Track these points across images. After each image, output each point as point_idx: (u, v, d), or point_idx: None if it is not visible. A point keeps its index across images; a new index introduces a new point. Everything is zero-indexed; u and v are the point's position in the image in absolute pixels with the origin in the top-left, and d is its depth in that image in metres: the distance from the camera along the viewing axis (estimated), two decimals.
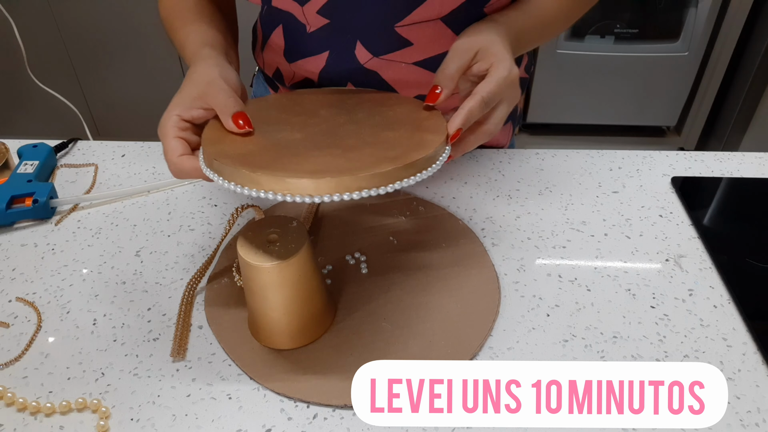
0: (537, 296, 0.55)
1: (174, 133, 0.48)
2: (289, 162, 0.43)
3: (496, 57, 0.50)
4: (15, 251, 0.61)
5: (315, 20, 0.61)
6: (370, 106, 0.55)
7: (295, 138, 0.48)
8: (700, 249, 0.60)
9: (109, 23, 1.95)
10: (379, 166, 0.42)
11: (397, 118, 0.52)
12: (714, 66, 1.92)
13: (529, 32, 0.58)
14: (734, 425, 0.44)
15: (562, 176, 0.70)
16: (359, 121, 0.52)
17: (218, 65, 0.52)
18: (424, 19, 0.58)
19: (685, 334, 0.51)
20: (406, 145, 0.46)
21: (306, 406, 0.46)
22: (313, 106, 0.55)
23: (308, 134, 0.48)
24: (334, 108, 0.54)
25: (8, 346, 0.51)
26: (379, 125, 0.51)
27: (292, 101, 0.56)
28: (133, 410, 0.46)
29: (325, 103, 0.55)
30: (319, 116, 0.52)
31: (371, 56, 0.62)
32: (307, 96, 0.58)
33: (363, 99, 0.57)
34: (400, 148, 0.45)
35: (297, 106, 0.55)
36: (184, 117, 0.49)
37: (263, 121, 0.50)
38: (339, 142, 0.47)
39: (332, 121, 0.51)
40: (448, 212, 0.65)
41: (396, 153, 0.44)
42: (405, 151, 0.45)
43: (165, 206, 0.67)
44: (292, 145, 0.46)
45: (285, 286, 0.47)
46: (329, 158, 0.44)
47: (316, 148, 0.46)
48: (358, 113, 0.53)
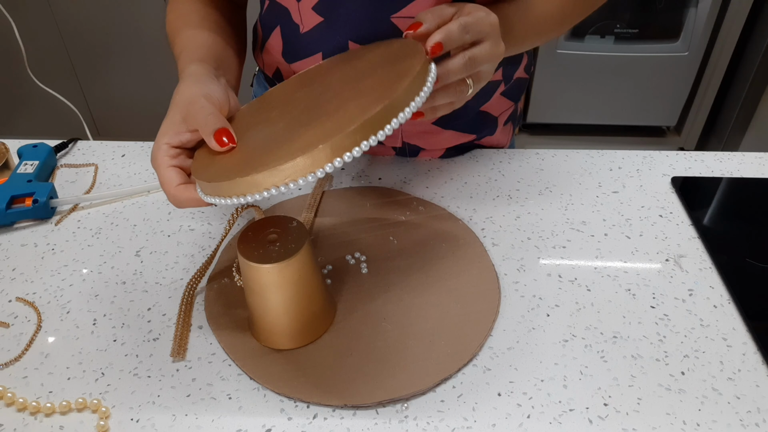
0: (537, 296, 0.55)
1: (167, 163, 0.47)
2: (280, 150, 0.41)
3: (468, 6, 0.49)
4: (15, 251, 0.61)
5: (309, 18, 0.61)
6: (342, 67, 0.52)
7: (278, 128, 0.45)
8: (700, 249, 0.60)
9: (109, 23, 1.95)
10: (368, 111, 0.39)
11: (370, 64, 0.49)
12: (714, 66, 1.92)
13: (521, 27, 0.57)
14: (734, 425, 0.44)
15: (562, 176, 0.70)
16: (334, 84, 0.49)
17: (200, 82, 0.51)
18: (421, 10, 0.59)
19: (685, 334, 0.51)
20: (388, 81, 0.43)
21: (306, 406, 0.46)
22: (287, 93, 0.53)
23: (290, 119, 0.46)
24: (308, 86, 0.52)
25: (8, 346, 0.51)
26: (355, 78, 0.47)
27: (265, 100, 0.54)
28: (133, 410, 0.46)
29: (297, 86, 0.53)
30: (295, 99, 0.50)
31: None
32: (279, 88, 0.56)
33: (332, 64, 0.54)
34: (383, 87, 0.42)
35: (272, 101, 0.53)
36: (173, 144, 0.48)
37: (245, 129, 0.49)
38: (321, 111, 0.44)
39: (310, 98, 0.49)
40: (448, 212, 0.65)
41: (380, 93, 0.41)
42: (389, 85, 0.41)
43: (165, 206, 0.67)
44: (278, 136, 0.44)
45: (285, 286, 0.47)
46: (317, 129, 0.41)
47: (302, 127, 0.43)
48: (332, 78, 0.51)
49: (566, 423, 0.45)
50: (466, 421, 0.45)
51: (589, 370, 0.48)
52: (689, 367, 0.49)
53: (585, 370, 0.48)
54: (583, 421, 0.45)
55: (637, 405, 0.46)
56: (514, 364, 0.49)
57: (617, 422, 0.45)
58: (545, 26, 0.60)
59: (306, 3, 0.60)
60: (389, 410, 0.46)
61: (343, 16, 0.60)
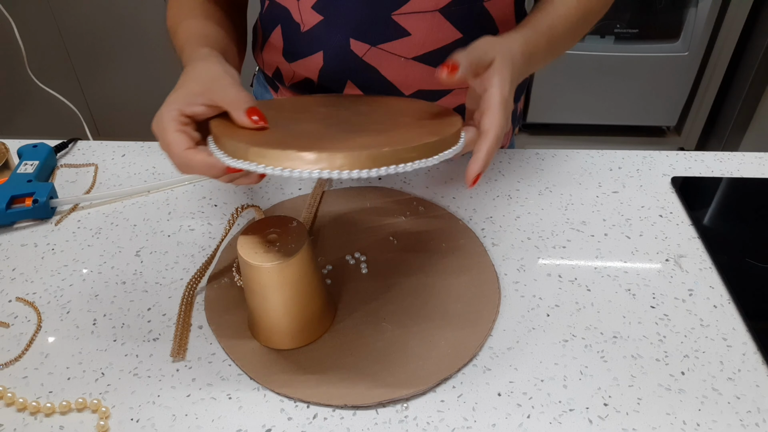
0: (537, 296, 0.55)
1: (175, 127, 0.46)
2: (334, 141, 0.41)
3: (495, 78, 0.49)
4: (15, 251, 0.61)
5: (309, 17, 0.61)
6: (368, 102, 0.55)
7: (315, 127, 0.46)
8: (700, 249, 0.60)
9: (109, 23, 1.95)
10: (425, 138, 0.42)
11: (401, 109, 0.52)
12: (714, 66, 1.92)
13: (539, 52, 0.57)
14: (734, 425, 0.44)
15: (562, 176, 0.70)
16: (368, 113, 0.51)
17: (221, 63, 0.50)
18: (422, 9, 0.59)
19: (685, 334, 0.51)
20: (433, 126, 0.46)
21: (306, 406, 0.46)
22: (306, 105, 0.54)
23: (326, 125, 0.47)
24: (330, 106, 0.54)
25: (8, 346, 0.51)
26: (391, 115, 0.50)
27: (280, 104, 0.55)
28: (133, 410, 0.46)
29: (322, 103, 0.55)
30: (320, 112, 0.52)
31: (368, 47, 0.62)
32: (304, 98, 0.58)
33: (354, 98, 0.57)
34: (430, 128, 0.45)
35: (288, 106, 0.54)
36: (185, 112, 0.47)
37: (274, 117, 0.49)
38: (365, 127, 0.46)
39: (338, 116, 0.50)
40: (448, 212, 0.65)
41: (429, 130, 0.44)
42: (435, 129, 0.45)
43: (165, 206, 0.67)
44: (320, 132, 0.44)
45: (285, 286, 0.47)
46: (371, 138, 0.42)
47: (350, 132, 0.44)
48: (361, 107, 0.53)
49: (566, 423, 0.45)
50: (466, 421, 0.45)
51: (589, 370, 0.48)
52: (689, 367, 0.49)
53: (585, 370, 0.48)
54: (583, 421, 0.45)
55: (637, 405, 0.46)
56: (514, 364, 0.49)
57: (617, 422, 0.45)
58: (558, 46, 0.60)
59: (305, 1, 0.60)
60: (389, 410, 0.46)
61: (343, 14, 0.60)
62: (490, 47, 0.50)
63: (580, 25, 0.60)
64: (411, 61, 0.63)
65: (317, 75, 0.66)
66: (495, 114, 0.47)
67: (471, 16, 0.61)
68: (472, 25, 0.62)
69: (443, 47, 0.62)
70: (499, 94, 0.48)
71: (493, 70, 0.49)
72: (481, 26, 0.63)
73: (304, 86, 0.69)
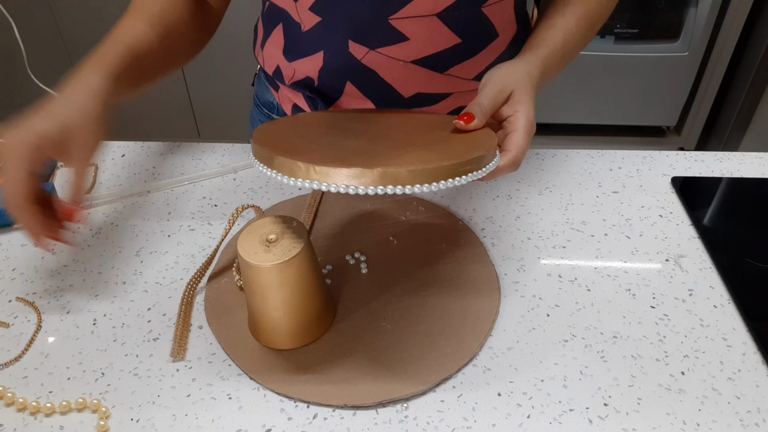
0: (537, 296, 0.55)
1: (28, 166, 0.45)
2: (378, 160, 0.41)
3: (521, 105, 0.51)
4: (15, 251, 0.61)
5: (308, 18, 0.61)
6: (391, 116, 0.57)
7: (359, 144, 0.46)
8: (700, 249, 0.60)
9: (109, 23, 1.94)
10: (471, 154, 0.43)
11: (429, 122, 0.54)
12: (714, 66, 1.92)
13: (553, 69, 0.59)
14: (734, 425, 0.44)
15: (562, 176, 0.70)
16: (397, 128, 0.52)
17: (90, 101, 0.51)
18: (419, 13, 0.58)
19: (685, 334, 0.51)
20: (466, 139, 0.47)
21: (306, 406, 0.46)
22: (342, 121, 0.55)
23: (367, 140, 0.48)
24: (362, 122, 0.55)
25: (8, 346, 0.51)
26: (423, 127, 0.52)
27: (314, 118, 0.56)
28: (133, 410, 0.46)
29: (348, 119, 0.56)
30: (355, 128, 0.52)
31: (367, 50, 0.62)
32: (323, 114, 0.58)
33: (382, 111, 0.59)
34: (465, 141, 0.47)
35: (325, 121, 0.55)
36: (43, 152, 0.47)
37: (310, 133, 0.49)
38: (402, 143, 0.47)
39: (374, 131, 0.52)
40: (448, 212, 0.65)
41: (473, 144, 0.46)
42: (473, 141, 0.46)
43: (165, 206, 0.67)
44: (363, 149, 0.45)
45: (285, 286, 0.47)
46: (413, 154, 0.43)
47: (391, 149, 0.45)
48: (388, 121, 0.54)
49: (566, 423, 0.45)
50: (466, 421, 0.45)
51: (589, 370, 0.48)
52: (689, 367, 0.49)
53: (585, 370, 0.48)
54: (583, 421, 0.45)
55: (637, 405, 0.46)
56: (514, 364, 0.49)
57: (617, 422, 0.45)
58: (568, 58, 0.61)
59: (303, 3, 0.60)
60: (389, 410, 0.46)
61: (341, 16, 0.60)
62: (507, 81, 0.52)
63: (588, 34, 0.62)
64: (410, 65, 0.63)
65: (317, 75, 0.66)
66: (520, 136, 0.49)
67: (469, 22, 0.61)
68: (471, 31, 0.62)
69: (442, 51, 0.62)
70: (525, 119, 0.50)
71: (515, 101, 0.51)
72: (480, 31, 0.63)
73: (303, 85, 0.69)
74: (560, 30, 0.59)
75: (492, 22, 0.62)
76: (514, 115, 0.51)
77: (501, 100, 0.51)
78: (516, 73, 0.53)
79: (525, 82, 0.52)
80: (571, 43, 0.60)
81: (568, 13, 0.60)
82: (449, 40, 0.61)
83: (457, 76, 0.65)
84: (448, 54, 0.63)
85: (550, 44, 0.58)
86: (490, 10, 0.61)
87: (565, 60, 0.61)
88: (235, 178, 0.71)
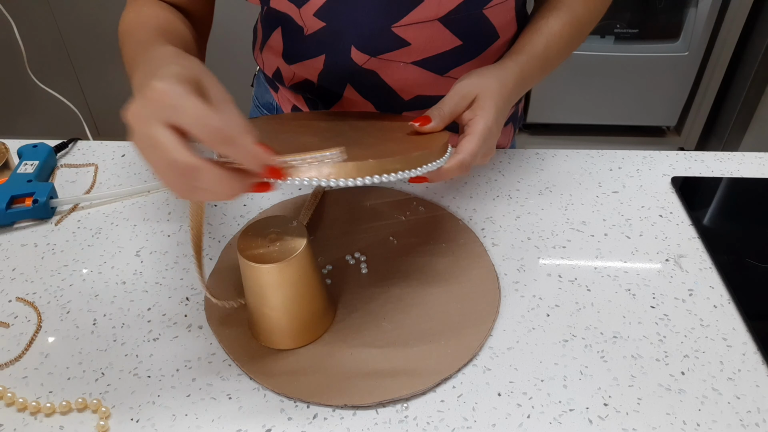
0: (537, 296, 0.55)
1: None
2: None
3: (482, 110, 0.53)
4: (15, 251, 0.61)
5: (312, 23, 0.61)
6: (367, 118, 0.59)
7: (311, 140, 0.48)
8: (700, 249, 0.60)
9: (109, 23, 1.95)
10: (401, 152, 0.44)
11: (396, 125, 0.56)
12: (714, 66, 1.92)
13: (533, 75, 0.59)
14: (734, 425, 0.44)
15: (562, 176, 0.70)
16: (362, 128, 0.53)
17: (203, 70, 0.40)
18: (422, 19, 0.59)
19: (685, 334, 0.51)
20: (417, 141, 0.50)
21: (306, 406, 0.46)
22: (314, 120, 0.57)
23: (322, 137, 0.49)
24: (333, 122, 0.56)
25: (8, 346, 0.51)
26: (385, 129, 0.54)
27: (294, 117, 0.59)
28: (133, 410, 0.46)
29: (324, 118, 0.58)
30: (321, 126, 0.54)
31: (368, 57, 0.62)
32: (308, 114, 0.61)
33: (360, 115, 0.61)
34: (413, 142, 0.49)
35: (300, 120, 0.57)
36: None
37: (276, 129, 0.51)
38: (353, 142, 0.48)
39: (336, 129, 0.53)
40: (448, 212, 0.65)
41: (412, 144, 0.48)
42: (422, 143, 0.49)
43: (165, 206, 0.67)
44: (310, 145, 0.46)
45: (285, 286, 0.47)
46: (353, 151, 0.43)
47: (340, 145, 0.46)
48: (359, 123, 0.56)
49: (566, 423, 0.45)
50: (466, 421, 0.45)
51: (589, 370, 0.48)
52: (689, 367, 0.49)
53: (585, 370, 0.48)
54: (583, 421, 0.45)
55: (637, 405, 0.46)
56: (514, 364, 0.49)
57: (617, 422, 0.45)
58: (551, 64, 0.62)
59: (307, 9, 0.60)
60: (389, 410, 0.46)
61: (346, 23, 0.60)
62: (472, 87, 0.54)
63: (574, 39, 0.62)
64: (410, 66, 0.63)
65: (317, 77, 0.66)
66: (473, 140, 0.51)
67: (471, 24, 0.61)
68: (472, 33, 0.62)
69: (444, 53, 0.62)
70: (483, 123, 0.52)
71: (476, 107, 0.53)
72: (482, 33, 0.63)
73: (303, 87, 0.69)
74: (543, 36, 0.59)
75: (493, 23, 0.62)
76: (473, 119, 0.52)
77: (463, 106, 0.53)
78: (484, 79, 0.54)
79: (492, 88, 0.54)
80: (553, 49, 0.60)
81: (553, 18, 0.60)
82: (450, 43, 0.61)
83: (457, 78, 0.65)
84: (449, 56, 0.63)
85: (531, 50, 0.59)
86: (492, 11, 0.61)
87: (548, 65, 0.61)
88: None
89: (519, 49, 0.59)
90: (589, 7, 0.62)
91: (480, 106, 0.53)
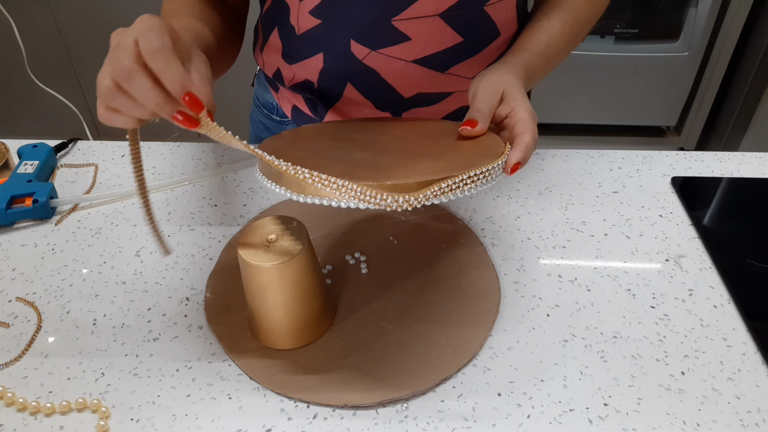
0: (537, 296, 0.55)
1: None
2: (387, 173, 0.41)
3: (516, 101, 0.52)
4: (15, 251, 0.61)
5: (305, 21, 0.61)
6: (394, 126, 0.57)
7: (366, 156, 0.46)
8: (700, 249, 0.60)
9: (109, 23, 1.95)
10: (477, 163, 0.43)
11: (433, 130, 0.55)
12: (714, 66, 1.92)
13: (536, 72, 0.59)
14: (734, 425, 0.44)
15: (562, 176, 0.70)
16: (403, 138, 0.52)
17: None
18: (422, 14, 0.59)
19: (685, 334, 0.51)
20: (475, 146, 0.48)
21: (306, 406, 0.46)
22: (344, 132, 0.55)
23: (374, 151, 0.47)
24: (364, 132, 0.55)
25: (8, 346, 0.51)
26: (428, 137, 0.52)
27: (314, 130, 0.56)
28: (133, 410, 0.46)
29: (350, 129, 0.56)
30: (360, 139, 0.52)
31: (368, 50, 0.62)
32: (325, 125, 0.58)
33: (382, 122, 0.59)
34: (474, 148, 0.47)
35: (327, 132, 0.55)
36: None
37: (313, 146, 0.49)
38: (409, 154, 0.47)
39: (379, 142, 0.51)
40: (448, 212, 0.65)
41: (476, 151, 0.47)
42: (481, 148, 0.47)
43: (165, 206, 0.67)
44: (371, 161, 0.44)
45: (285, 286, 0.47)
46: (422, 165, 0.43)
47: (398, 160, 0.45)
48: (392, 131, 0.55)
49: (566, 423, 0.45)
50: (466, 421, 0.45)
51: (589, 370, 0.48)
52: (689, 367, 0.49)
53: (585, 370, 0.48)
54: (583, 421, 0.45)
55: (637, 405, 0.46)
56: (514, 364, 0.49)
57: (617, 422, 0.45)
58: (553, 62, 0.62)
59: (305, 5, 0.60)
60: (389, 410, 0.46)
61: (343, 16, 0.60)
62: (496, 85, 0.53)
63: (574, 37, 0.62)
64: (411, 64, 0.63)
65: (317, 77, 0.66)
66: (526, 125, 0.49)
67: (472, 21, 0.61)
68: (473, 29, 0.62)
69: (444, 50, 0.62)
70: (524, 109, 0.51)
71: (509, 99, 0.52)
72: (482, 30, 0.63)
73: (303, 87, 0.69)
74: (545, 34, 0.60)
75: (494, 20, 0.62)
76: (513, 110, 0.51)
77: (495, 104, 0.52)
78: (501, 75, 0.54)
79: (512, 80, 0.53)
80: (554, 47, 0.60)
81: (554, 17, 0.60)
82: (451, 39, 0.61)
83: (457, 75, 0.65)
84: (450, 53, 0.63)
85: (533, 47, 0.59)
86: (493, 9, 0.61)
87: (550, 63, 0.61)
88: (235, 179, 0.71)
89: (521, 47, 0.59)
90: (590, 5, 0.62)
91: (513, 97, 0.52)
